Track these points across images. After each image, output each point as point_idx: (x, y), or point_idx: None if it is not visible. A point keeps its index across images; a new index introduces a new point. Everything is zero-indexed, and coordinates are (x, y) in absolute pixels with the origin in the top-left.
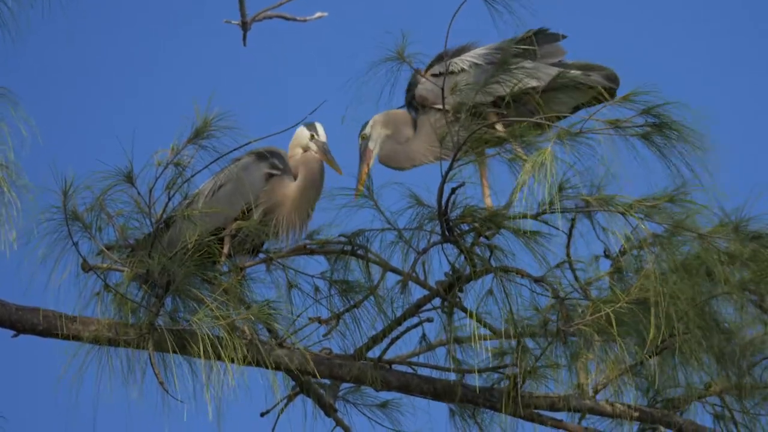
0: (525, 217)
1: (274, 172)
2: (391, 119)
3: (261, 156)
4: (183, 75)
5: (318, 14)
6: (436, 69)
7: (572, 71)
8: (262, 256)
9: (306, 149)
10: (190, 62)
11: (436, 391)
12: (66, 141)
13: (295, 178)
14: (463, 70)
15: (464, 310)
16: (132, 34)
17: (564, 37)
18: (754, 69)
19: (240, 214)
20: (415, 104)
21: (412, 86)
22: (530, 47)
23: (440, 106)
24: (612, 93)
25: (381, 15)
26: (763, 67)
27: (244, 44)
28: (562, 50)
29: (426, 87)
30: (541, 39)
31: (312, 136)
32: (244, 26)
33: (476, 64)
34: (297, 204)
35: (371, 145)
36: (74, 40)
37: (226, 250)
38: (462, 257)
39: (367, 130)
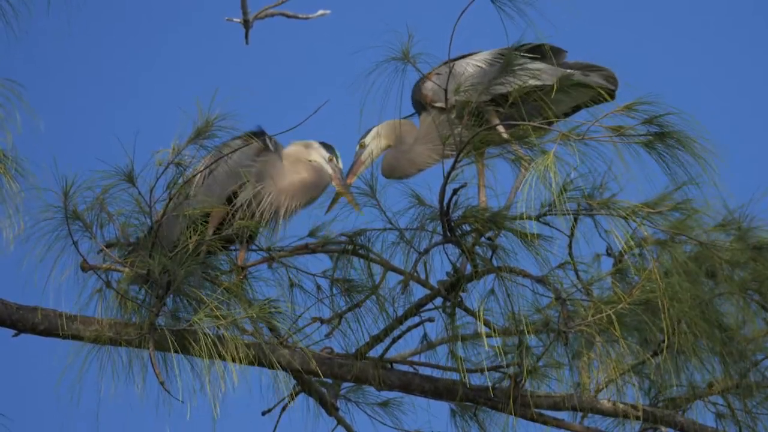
0: (527, 218)
1: (268, 145)
2: (393, 129)
3: (253, 134)
4: (184, 73)
5: (320, 12)
6: (441, 69)
7: (573, 71)
8: (263, 254)
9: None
10: (191, 60)
11: (438, 390)
12: (67, 139)
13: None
14: (466, 71)
15: (466, 310)
16: (133, 32)
17: (565, 52)
18: (753, 70)
19: (232, 194)
20: (418, 105)
21: (416, 87)
22: (533, 56)
23: (441, 105)
24: (611, 94)
25: (385, 13)
26: (763, 68)
27: (247, 42)
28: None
29: (427, 85)
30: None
31: (331, 159)
32: (246, 24)
33: (479, 67)
34: (294, 192)
35: (364, 156)
36: (74, 39)
37: (210, 232)
38: (463, 257)
39: (367, 139)
